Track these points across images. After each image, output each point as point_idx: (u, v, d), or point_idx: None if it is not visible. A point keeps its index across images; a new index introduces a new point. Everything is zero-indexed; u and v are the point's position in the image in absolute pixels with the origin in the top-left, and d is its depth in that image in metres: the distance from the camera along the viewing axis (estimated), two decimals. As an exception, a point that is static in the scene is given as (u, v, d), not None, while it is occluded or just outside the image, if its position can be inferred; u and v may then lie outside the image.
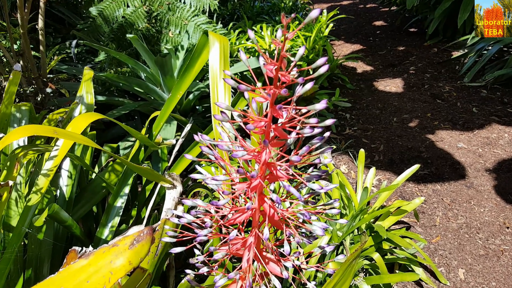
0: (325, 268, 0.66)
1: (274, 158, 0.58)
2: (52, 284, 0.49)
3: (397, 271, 1.82)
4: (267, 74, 0.45)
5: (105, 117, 0.98)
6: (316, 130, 0.52)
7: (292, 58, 0.41)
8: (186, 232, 0.72)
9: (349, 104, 3.34)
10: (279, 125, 0.51)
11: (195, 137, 0.58)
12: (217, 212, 0.69)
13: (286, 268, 0.69)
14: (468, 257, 1.97)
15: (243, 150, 0.52)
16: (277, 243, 0.80)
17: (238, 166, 0.71)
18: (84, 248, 0.65)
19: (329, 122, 0.48)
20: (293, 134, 0.58)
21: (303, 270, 0.70)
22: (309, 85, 0.49)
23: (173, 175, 0.93)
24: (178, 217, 0.69)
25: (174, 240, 0.71)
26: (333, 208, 0.60)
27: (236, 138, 0.58)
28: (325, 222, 1.78)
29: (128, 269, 0.51)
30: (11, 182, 0.77)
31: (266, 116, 0.51)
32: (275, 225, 0.69)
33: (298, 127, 0.55)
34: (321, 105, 0.44)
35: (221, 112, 0.49)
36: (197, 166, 0.69)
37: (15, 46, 2.75)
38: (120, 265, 0.51)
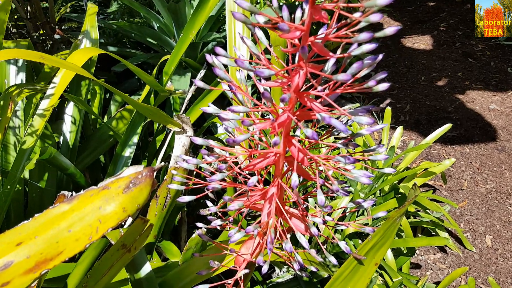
0: (362, 226, 0.56)
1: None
2: (24, 232, 0.39)
3: (420, 235, 1.72)
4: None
5: (106, 52, 0.86)
6: (369, 46, 0.38)
7: None
8: (197, 180, 0.61)
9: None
10: (321, 36, 0.38)
11: (208, 57, 0.45)
12: (231, 155, 0.58)
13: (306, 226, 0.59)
14: (496, 223, 1.85)
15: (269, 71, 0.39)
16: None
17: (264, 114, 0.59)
18: (73, 193, 0.54)
19: (390, 30, 0.35)
20: (331, 60, 0.45)
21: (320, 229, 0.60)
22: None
23: (182, 117, 0.81)
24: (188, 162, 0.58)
25: (183, 188, 0.60)
26: (378, 153, 0.48)
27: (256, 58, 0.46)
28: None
29: (122, 217, 0.40)
30: (-3, 119, 0.68)
31: (302, 25, 0.38)
32: (303, 174, 0.57)
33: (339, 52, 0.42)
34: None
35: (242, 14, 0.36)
36: (209, 104, 0.57)
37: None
38: (111, 212, 0.40)
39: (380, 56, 0.43)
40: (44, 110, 0.88)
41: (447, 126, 1.81)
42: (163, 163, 0.47)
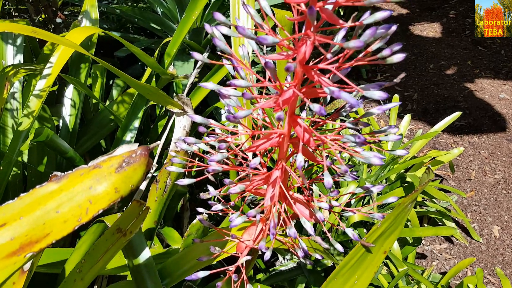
0: (370, 213, 0.53)
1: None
2: (8, 212, 0.36)
3: (426, 225, 1.69)
4: None
5: (105, 31, 0.83)
6: (383, 14, 0.35)
7: None
8: (197, 162, 0.58)
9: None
10: (331, 1, 0.34)
11: (207, 27, 0.42)
12: (233, 135, 0.55)
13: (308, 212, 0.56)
14: (504, 214, 1.82)
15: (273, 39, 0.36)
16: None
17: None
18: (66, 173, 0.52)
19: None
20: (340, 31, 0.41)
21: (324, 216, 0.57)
22: None
23: (183, 98, 0.78)
24: (189, 144, 0.55)
25: (182, 170, 0.57)
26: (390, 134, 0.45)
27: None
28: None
29: (114, 198, 0.38)
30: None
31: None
32: (308, 156, 0.54)
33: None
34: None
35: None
36: (210, 82, 0.54)
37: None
38: (102, 192, 0.37)
39: (394, 27, 0.40)
40: (41, 90, 0.85)
41: (456, 114, 1.77)
42: (158, 142, 0.44)
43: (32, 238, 0.35)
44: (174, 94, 0.82)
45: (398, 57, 0.35)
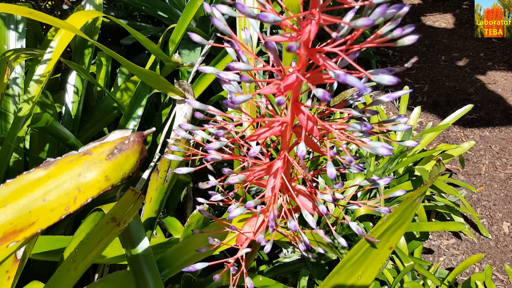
0: (376, 206, 0.50)
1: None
2: (-8, 199, 0.34)
3: (433, 220, 1.66)
4: None
5: (107, 15, 0.80)
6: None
7: None
8: (197, 151, 0.56)
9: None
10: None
11: (206, 6, 0.40)
12: (234, 122, 0.52)
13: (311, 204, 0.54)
14: (515, 210, 1.78)
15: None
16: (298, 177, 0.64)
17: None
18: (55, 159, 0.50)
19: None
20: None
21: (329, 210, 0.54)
22: None
23: (184, 84, 0.75)
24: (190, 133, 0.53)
25: (181, 159, 0.55)
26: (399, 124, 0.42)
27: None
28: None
29: (104, 187, 0.36)
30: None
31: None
32: (312, 146, 0.52)
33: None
34: None
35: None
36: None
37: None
38: (92, 180, 0.35)
39: (406, 8, 0.37)
40: (41, 76, 0.83)
41: (468, 107, 1.72)
42: (153, 129, 0.42)
43: (17, 227, 0.33)
44: (175, 81, 0.80)
45: (410, 39, 0.33)
